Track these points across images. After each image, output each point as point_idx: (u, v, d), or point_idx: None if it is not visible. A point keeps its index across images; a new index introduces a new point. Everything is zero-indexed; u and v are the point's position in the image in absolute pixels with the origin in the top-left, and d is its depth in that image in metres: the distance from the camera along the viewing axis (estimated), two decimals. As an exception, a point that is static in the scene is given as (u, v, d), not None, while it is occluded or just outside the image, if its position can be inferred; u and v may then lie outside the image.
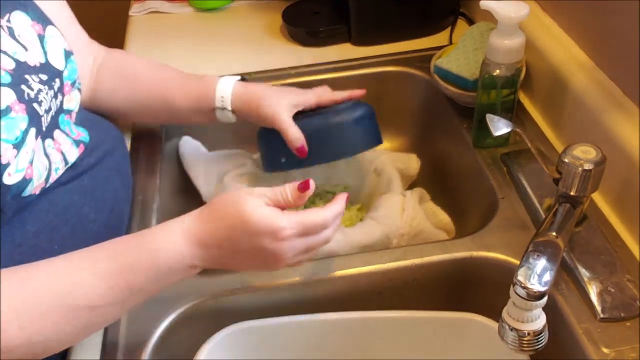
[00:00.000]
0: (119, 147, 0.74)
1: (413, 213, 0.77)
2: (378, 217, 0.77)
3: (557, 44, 0.79)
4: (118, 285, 0.53)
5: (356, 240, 0.74)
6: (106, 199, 0.67)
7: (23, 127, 0.54)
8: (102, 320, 0.55)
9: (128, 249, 0.54)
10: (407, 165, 0.89)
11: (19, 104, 0.54)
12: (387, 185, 0.85)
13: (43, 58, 0.60)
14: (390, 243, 0.76)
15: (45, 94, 0.58)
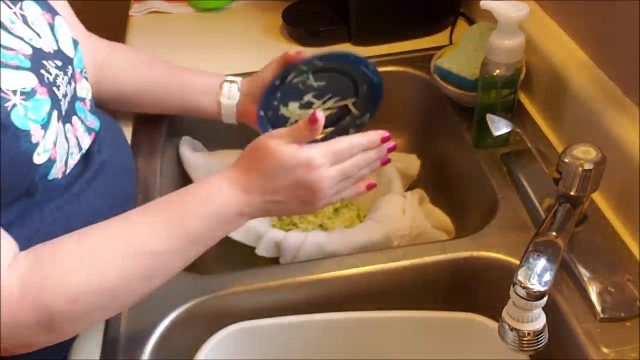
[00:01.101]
0: (125, 145, 0.76)
1: (413, 214, 0.77)
2: (378, 218, 0.77)
3: (557, 44, 0.79)
4: (177, 232, 0.56)
5: (357, 241, 0.74)
6: (117, 194, 0.68)
7: (47, 109, 0.56)
8: (165, 269, 0.57)
9: (181, 199, 0.58)
10: (407, 165, 0.89)
11: (41, 87, 0.56)
12: (387, 185, 0.85)
13: (55, 45, 0.61)
14: (390, 244, 0.76)
15: (62, 79, 0.60)
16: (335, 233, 0.75)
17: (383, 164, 0.66)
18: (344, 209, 0.88)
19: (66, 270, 0.52)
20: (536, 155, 0.65)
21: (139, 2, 1.16)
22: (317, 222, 0.86)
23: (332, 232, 0.76)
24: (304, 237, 0.74)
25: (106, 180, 0.67)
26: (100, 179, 0.66)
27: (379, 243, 0.75)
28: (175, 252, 0.57)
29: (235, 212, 0.59)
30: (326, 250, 0.73)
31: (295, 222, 0.86)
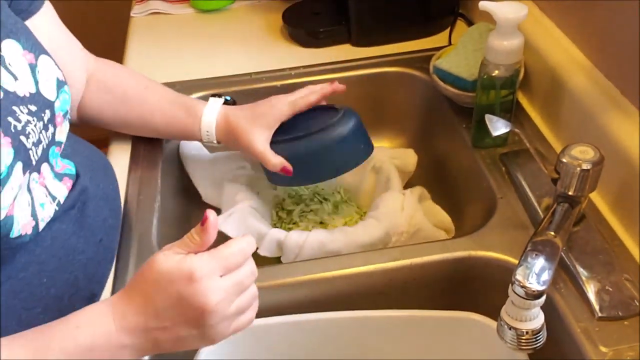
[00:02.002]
0: (107, 174, 0.73)
1: (412, 211, 0.77)
2: (378, 216, 0.77)
3: (556, 45, 0.79)
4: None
5: (357, 239, 0.74)
6: (95, 229, 0.64)
7: (8, 162, 0.51)
8: None
9: (48, 331, 0.50)
10: (405, 161, 0.89)
11: (4, 137, 0.51)
12: (385, 182, 0.85)
13: (34, 88, 0.57)
14: (389, 240, 0.76)
15: (34, 126, 0.55)
16: (337, 232, 0.76)
17: None
18: (343, 204, 0.88)
19: None
20: (535, 155, 0.66)
21: (140, 3, 1.16)
22: (317, 219, 0.86)
23: (334, 230, 0.77)
24: (306, 236, 0.74)
25: (83, 216, 0.63)
26: (75, 216, 0.62)
27: (379, 241, 0.75)
28: None
29: (113, 345, 0.49)
30: (328, 249, 0.74)
31: (295, 221, 0.86)
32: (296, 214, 0.87)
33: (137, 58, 1.02)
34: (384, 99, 0.98)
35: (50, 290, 0.59)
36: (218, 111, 0.78)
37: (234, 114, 0.77)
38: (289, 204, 0.89)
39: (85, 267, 0.62)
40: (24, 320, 0.56)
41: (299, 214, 0.87)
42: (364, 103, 0.98)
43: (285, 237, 0.75)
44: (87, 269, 0.62)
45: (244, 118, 0.77)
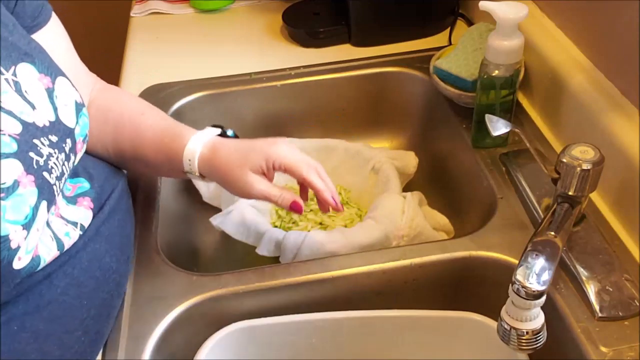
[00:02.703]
0: (125, 188, 0.69)
1: (412, 214, 0.77)
2: (378, 217, 0.77)
3: (556, 45, 0.79)
4: None
5: (356, 241, 0.74)
6: (123, 245, 0.63)
7: (32, 203, 0.48)
8: None
9: None
10: (405, 163, 0.89)
11: (27, 176, 0.48)
12: (385, 183, 0.85)
13: (53, 115, 0.53)
14: (389, 244, 0.76)
15: (56, 159, 0.51)
16: (335, 232, 0.76)
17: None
18: (344, 206, 0.88)
19: None
20: (535, 155, 0.66)
21: (140, 3, 1.16)
22: (317, 219, 0.86)
23: (332, 231, 0.77)
24: (304, 237, 0.74)
25: (112, 233, 0.61)
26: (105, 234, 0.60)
27: (378, 243, 0.75)
28: None
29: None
30: (326, 250, 0.74)
31: (295, 221, 0.86)
32: (296, 215, 0.87)
33: (137, 58, 1.02)
34: (384, 99, 0.98)
35: (90, 311, 0.57)
36: (207, 140, 0.66)
37: (222, 152, 0.65)
38: None
39: (118, 285, 0.62)
40: (65, 344, 0.55)
41: (299, 215, 0.87)
42: (364, 103, 0.98)
43: (283, 237, 0.75)
44: (119, 286, 0.62)
45: (232, 163, 0.64)
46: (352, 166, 0.90)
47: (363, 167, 0.89)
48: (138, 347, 0.61)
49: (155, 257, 0.69)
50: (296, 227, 0.85)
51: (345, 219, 0.86)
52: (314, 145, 0.91)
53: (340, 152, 0.91)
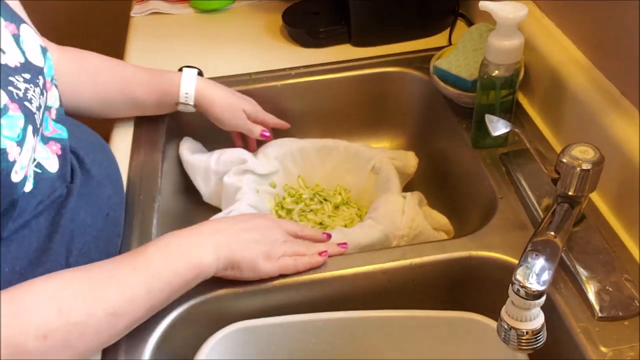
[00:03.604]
0: (108, 156, 0.74)
1: (413, 215, 0.77)
2: (377, 217, 0.77)
3: (556, 45, 0.79)
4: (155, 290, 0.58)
5: (356, 240, 0.74)
6: (101, 205, 0.67)
7: (21, 125, 0.54)
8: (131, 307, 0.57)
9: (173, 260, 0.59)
10: (405, 163, 0.89)
11: (12, 103, 0.54)
12: (385, 183, 0.85)
13: (22, 58, 0.59)
14: (389, 244, 0.76)
15: (33, 92, 0.58)
16: (336, 232, 0.76)
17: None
18: (344, 206, 0.89)
19: (36, 307, 0.52)
20: (535, 155, 0.66)
21: (140, 3, 1.16)
22: (317, 219, 0.86)
23: (332, 231, 0.77)
24: None
25: (88, 193, 0.65)
26: (81, 194, 0.64)
27: (378, 242, 0.75)
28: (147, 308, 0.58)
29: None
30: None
31: (294, 220, 0.87)
32: (296, 213, 0.87)
33: (137, 58, 1.02)
34: (384, 99, 0.98)
35: (69, 260, 0.61)
36: (195, 76, 0.83)
37: (213, 88, 0.85)
38: (288, 203, 0.89)
39: (96, 240, 0.64)
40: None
41: (299, 213, 0.87)
42: (364, 103, 0.98)
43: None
44: (98, 241, 0.64)
45: (223, 98, 0.85)
46: (352, 166, 0.91)
47: (363, 167, 0.89)
48: (138, 347, 0.61)
49: (156, 257, 0.69)
50: None
51: (345, 219, 0.86)
52: (314, 145, 0.91)
53: (340, 152, 0.91)
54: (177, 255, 0.60)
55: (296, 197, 0.90)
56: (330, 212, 0.88)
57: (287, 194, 0.91)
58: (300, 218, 0.87)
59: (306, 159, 0.92)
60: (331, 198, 0.90)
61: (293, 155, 0.91)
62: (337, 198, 0.90)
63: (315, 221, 0.87)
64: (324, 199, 0.90)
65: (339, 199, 0.90)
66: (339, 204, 0.89)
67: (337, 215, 0.87)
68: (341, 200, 0.90)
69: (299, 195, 0.90)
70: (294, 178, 0.92)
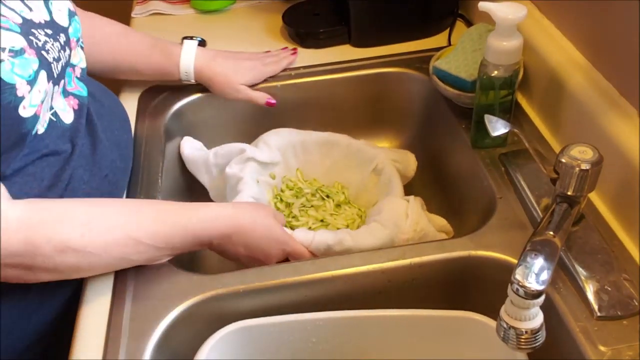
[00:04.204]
0: (124, 125, 0.79)
1: (417, 217, 0.77)
2: (382, 220, 0.77)
3: (555, 46, 0.79)
4: (166, 236, 0.65)
5: (363, 243, 0.74)
6: (102, 166, 0.71)
7: (35, 68, 0.60)
8: (137, 257, 0.65)
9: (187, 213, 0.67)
10: (406, 165, 0.89)
11: (29, 49, 0.60)
12: (387, 185, 0.85)
13: (48, 17, 0.65)
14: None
15: (52, 45, 0.63)
16: (342, 234, 0.75)
17: None
18: (345, 205, 0.88)
19: (64, 222, 0.59)
20: (534, 156, 0.66)
21: (141, 4, 1.17)
22: (318, 216, 0.86)
23: (339, 232, 0.76)
24: (312, 237, 0.74)
25: (92, 153, 0.70)
26: (85, 152, 0.69)
27: (383, 246, 0.75)
28: (152, 248, 0.64)
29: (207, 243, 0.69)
30: (334, 251, 0.74)
31: (295, 216, 0.86)
32: (296, 207, 0.87)
33: (138, 59, 1.02)
34: (384, 100, 0.98)
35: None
36: (195, 50, 0.88)
37: (213, 58, 0.90)
38: (287, 196, 0.88)
39: (88, 196, 0.68)
40: None
41: (300, 208, 0.87)
42: (364, 103, 0.99)
43: (290, 235, 0.75)
44: (90, 197, 0.68)
45: (225, 68, 0.90)
46: (352, 163, 0.90)
47: (364, 166, 0.89)
48: (138, 347, 0.61)
49: (156, 257, 0.70)
50: (296, 222, 0.85)
51: (347, 219, 0.86)
52: (316, 139, 0.90)
53: (342, 148, 0.90)
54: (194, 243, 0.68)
55: (295, 191, 0.89)
56: (332, 210, 0.87)
57: (285, 186, 0.90)
58: (301, 213, 0.86)
59: (307, 152, 0.91)
60: (334, 196, 0.89)
61: (294, 148, 0.90)
62: (340, 196, 0.89)
63: (317, 218, 0.86)
64: (326, 195, 0.89)
65: (342, 197, 0.89)
66: (342, 203, 0.88)
67: (339, 213, 0.87)
68: (344, 199, 0.89)
69: (298, 189, 0.89)
70: (292, 171, 0.91)
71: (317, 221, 0.85)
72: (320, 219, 0.86)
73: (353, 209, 0.88)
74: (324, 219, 0.86)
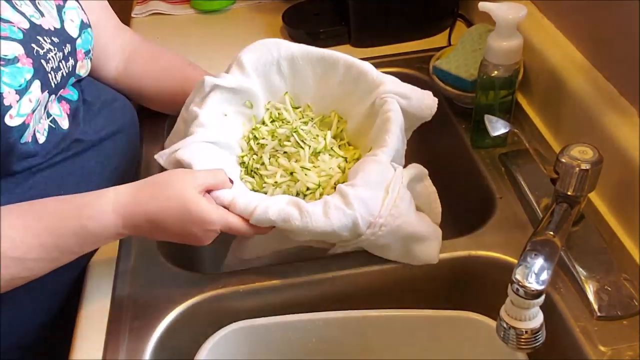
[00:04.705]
0: (132, 128, 0.78)
1: (397, 197, 0.61)
2: (349, 195, 0.60)
3: (555, 46, 0.79)
4: (49, 243, 0.57)
5: (315, 226, 0.60)
6: (111, 159, 0.71)
7: (28, 78, 0.60)
8: (29, 273, 0.59)
9: (61, 211, 0.59)
10: (420, 103, 0.69)
11: (26, 58, 0.60)
12: (379, 131, 0.67)
13: (59, 24, 0.66)
14: (361, 232, 0.61)
15: (54, 54, 0.64)
16: (292, 209, 0.61)
17: None
18: (326, 153, 0.70)
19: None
20: (534, 156, 0.66)
21: (141, 4, 1.17)
22: (289, 168, 0.68)
23: (290, 204, 0.61)
24: (254, 208, 0.61)
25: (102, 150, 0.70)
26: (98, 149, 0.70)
27: (344, 229, 0.61)
28: (42, 261, 0.58)
29: (113, 234, 0.60)
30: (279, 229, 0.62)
31: (263, 163, 0.70)
32: (267, 153, 0.70)
33: (138, 59, 1.02)
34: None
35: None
36: None
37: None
38: (263, 134, 0.72)
39: (98, 187, 0.64)
40: None
41: (271, 153, 0.70)
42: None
43: (232, 198, 0.62)
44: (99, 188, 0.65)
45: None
46: (352, 90, 0.72)
47: (365, 97, 0.71)
48: (139, 347, 0.61)
49: (156, 257, 0.70)
50: (264, 169, 0.69)
51: (321, 174, 0.68)
52: (308, 56, 0.73)
53: (340, 71, 0.73)
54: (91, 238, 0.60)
55: (280, 122, 0.73)
56: (306, 160, 0.68)
57: (269, 115, 0.74)
58: (271, 162, 0.70)
59: (296, 72, 0.73)
60: (312, 142, 0.70)
61: (279, 66, 0.72)
62: (320, 142, 0.70)
63: (287, 169, 0.68)
64: (302, 141, 0.70)
65: (320, 144, 0.70)
66: (321, 151, 0.69)
67: (315, 166, 0.69)
68: (324, 146, 0.70)
69: (282, 120, 0.73)
70: (278, 95, 0.74)
71: (287, 174, 0.68)
72: (291, 170, 0.68)
73: (333, 160, 0.69)
74: (294, 171, 0.68)
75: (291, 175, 0.68)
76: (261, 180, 0.69)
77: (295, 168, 0.68)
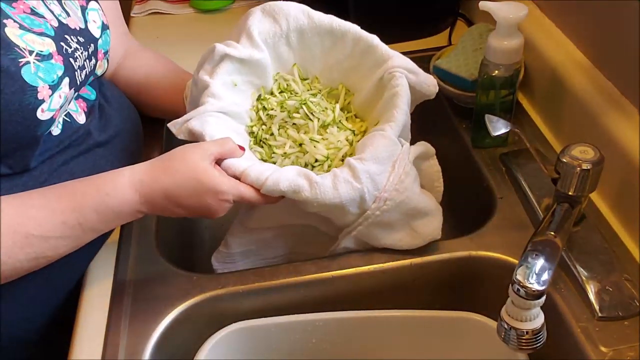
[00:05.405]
0: (138, 127, 0.79)
1: (403, 173, 0.63)
2: (357, 169, 0.62)
3: (556, 45, 0.79)
4: (71, 221, 0.59)
5: (324, 198, 0.61)
6: (122, 158, 0.72)
7: (59, 74, 0.61)
8: (53, 252, 0.60)
9: (83, 190, 0.60)
10: (425, 80, 0.70)
11: (57, 55, 0.62)
12: (387, 105, 0.68)
13: (83, 24, 0.68)
14: (367, 207, 0.63)
15: (81, 53, 0.66)
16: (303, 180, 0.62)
17: None
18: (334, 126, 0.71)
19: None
20: (535, 155, 0.66)
21: (140, 3, 1.17)
22: (298, 139, 0.69)
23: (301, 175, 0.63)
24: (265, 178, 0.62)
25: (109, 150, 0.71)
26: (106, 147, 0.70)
27: (350, 205, 0.63)
28: (66, 239, 0.60)
29: (133, 210, 0.61)
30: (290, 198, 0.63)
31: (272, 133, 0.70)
32: (276, 124, 0.70)
33: (137, 58, 1.02)
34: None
35: None
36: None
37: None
38: (272, 105, 0.72)
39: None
40: None
41: (280, 124, 0.70)
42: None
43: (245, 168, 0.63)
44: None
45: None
46: (359, 63, 0.73)
47: (373, 70, 0.71)
48: (138, 347, 0.61)
49: (155, 257, 0.70)
50: (273, 140, 0.70)
51: (330, 146, 0.69)
52: (316, 29, 0.72)
53: (348, 44, 0.72)
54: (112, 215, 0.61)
55: (288, 93, 0.73)
56: (315, 132, 0.69)
57: (277, 86, 0.74)
58: (280, 132, 0.70)
59: (304, 44, 0.73)
60: (321, 115, 0.70)
61: (288, 38, 0.72)
62: (328, 115, 0.70)
63: (295, 140, 0.69)
64: (312, 113, 0.70)
65: (329, 116, 0.70)
66: (330, 124, 0.70)
67: (325, 139, 0.69)
68: (332, 119, 0.70)
69: (290, 92, 0.73)
70: (287, 66, 0.74)
71: (296, 145, 0.69)
72: (299, 142, 0.69)
73: (342, 133, 0.70)
74: (302, 143, 0.69)
75: (300, 146, 0.69)
76: (270, 151, 0.70)
77: (304, 140, 0.69)
